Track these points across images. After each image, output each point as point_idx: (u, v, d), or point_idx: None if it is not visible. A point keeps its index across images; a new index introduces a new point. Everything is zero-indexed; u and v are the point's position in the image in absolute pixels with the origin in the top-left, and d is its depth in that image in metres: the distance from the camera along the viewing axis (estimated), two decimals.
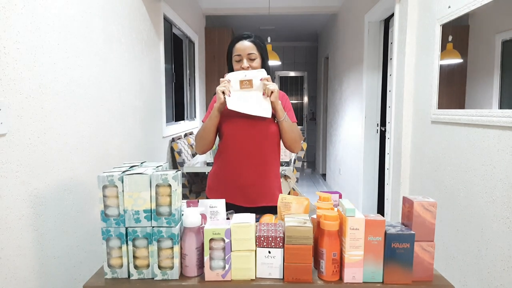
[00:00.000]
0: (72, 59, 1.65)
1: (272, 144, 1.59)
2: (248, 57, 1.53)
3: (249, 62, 1.53)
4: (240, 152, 1.56)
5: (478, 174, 1.65)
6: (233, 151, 1.57)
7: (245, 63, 1.53)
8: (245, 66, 1.52)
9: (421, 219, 0.98)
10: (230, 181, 1.59)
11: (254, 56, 1.53)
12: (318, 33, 7.01)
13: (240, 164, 1.57)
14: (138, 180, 0.98)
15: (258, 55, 1.55)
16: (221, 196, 1.57)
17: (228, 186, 1.59)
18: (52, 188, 1.49)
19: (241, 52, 1.53)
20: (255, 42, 1.55)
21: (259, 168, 1.58)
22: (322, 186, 5.78)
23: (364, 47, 3.56)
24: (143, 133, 2.65)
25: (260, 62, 1.56)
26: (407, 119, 2.39)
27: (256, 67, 1.54)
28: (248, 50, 1.53)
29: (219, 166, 1.64)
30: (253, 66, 1.53)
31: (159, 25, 3.06)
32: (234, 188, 1.58)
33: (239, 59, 1.54)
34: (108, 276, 1.00)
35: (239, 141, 1.55)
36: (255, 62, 1.54)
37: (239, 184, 1.57)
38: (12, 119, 1.27)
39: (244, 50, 1.53)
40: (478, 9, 1.66)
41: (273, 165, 1.63)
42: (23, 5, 1.32)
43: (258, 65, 1.55)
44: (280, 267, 0.98)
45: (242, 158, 1.56)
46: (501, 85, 1.53)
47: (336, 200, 1.23)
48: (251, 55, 1.53)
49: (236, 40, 1.56)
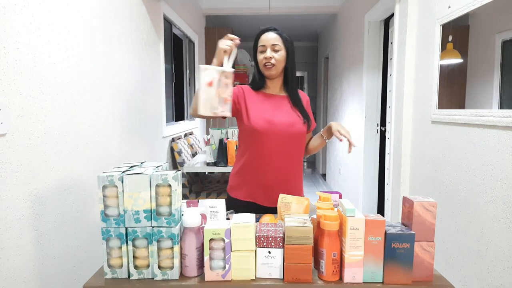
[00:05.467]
0: (72, 59, 1.65)
1: (298, 144, 1.57)
2: (272, 47, 1.50)
3: (272, 53, 1.50)
4: (266, 152, 1.53)
5: (478, 174, 1.65)
6: (258, 151, 1.54)
7: (268, 53, 1.50)
8: (267, 56, 1.50)
9: (421, 219, 0.98)
10: (254, 180, 1.56)
11: (278, 47, 1.50)
12: (318, 33, 7.01)
13: (265, 164, 1.54)
14: (138, 180, 0.98)
15: (283, 47, 1.52)
16: (244, 195, 1.58)
17: (252, 185, 1.57)
18: (52, 188, 1.49)
19: (265, 43, 1.51)
20: (281, 35, 1.53)
21: (284, 168, 1.55)
22: (322, 186, 5.78)
23: (364, 47, 3.56)
24: (143, 133, 2.65)
25: (285, 55, 1.53)
26: (407, 119, 2.39)
27: (280, 59, 1.51)
28: (272, 41, 1.51)
29: (243, 165, 1.61)
30: (276, 58, 1.50)
31: (159, 25, 3.06)
32: (258, 187, 1.56)
33: (263, 49, 1.52)
34: (108, 276, 1.00)
35: (265, 140, 1.51)
36: (278, 54, 1.51)
37: (264, 184, 1.55)
38: (12, 119, 1.26)
39: (268, 40, 1.51)
40: (478, 9, 1.66)
41: (297, 165, 1.60)
42: (23, 5, 1.32)
43: (282, 58, 1.51)
44: (280, 267, 0.98)
45: (267, 157, 1.53)
46: (501, 85, 1.53)
47: (336, 200, 1.23)
48: (275, 46, 1.50)
49: (262, 31, 1.55)
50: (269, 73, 1.53)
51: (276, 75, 1.55)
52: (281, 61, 1.52)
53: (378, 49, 3.50)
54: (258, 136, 1.51)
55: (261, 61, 1.52)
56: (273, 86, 1.60)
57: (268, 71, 1.53)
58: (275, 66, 1.51)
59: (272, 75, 1.55)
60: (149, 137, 2.79)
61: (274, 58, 1.50)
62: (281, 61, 1.52)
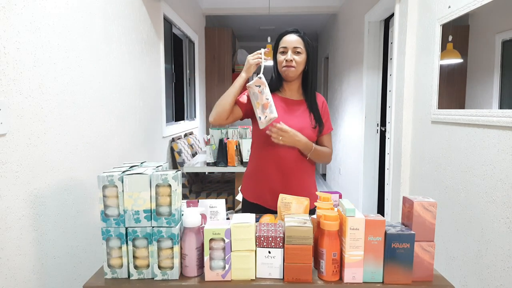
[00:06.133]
0: (72, 59, 1.64)
1: None
2: (293, 50, 1.49)
3: (293, 55, 1.49)
4: (273, 157, 1.53)
5: (478, 174, 1.65)
6: (266, 155, 1.55)
7: (289, 55, 1.49)
8: (288, 59, 1.48)
9: (421, 219, 0.98)
10: (261, 184, 1.57)
11: (300, 50, 1.49)
12: (318, 33, 7.01)
13: (272, 169, 1.54)
14: (138, 180, 0.98)
15: (304, 51, 1.50)
16: (252, 197, 1.61)
17: (260, 188, 1.58)
18: (52, 188, 1.49)
19: (287, 45, 1.50)
20: (303, 38, 1.51)
21: (291, 173, 1.54)
22: (322, 186, 5.78)
23: (364, 47, 3.56)
24: (143, 133, 2.65)
25: (305, 58, 1.51)
26: (407, 119, 2.39)
27: (300, 62, 1.50)
28: (294, 43, 1.49)
29: (252, 167, 1.62)
30: (297, 61, 1.49)
31: (159, 25, 3.06)
32: (265, 191, 1.56)
33: (285, 50, 1.50)
34: (108, 276, 1.00)
35: (272, 145, 1.51)
36: (300, 57, 1.49)
37: (271, 188, 1.55)
38: (12, 119, 1.26)
39: (290, 42, 1.49)
40: (478, 9, 1.66)
41: (306, 170, 1.58)
42: (23, 5, 1.32)
43: (302, 61, 1.50)
44: (280, 267, 0.98)
45: (274, 162, 1.54)
46: (501, 85, 1.53)
47: (336, 200, 1.23)
48: (297, 48, 1.49)
49: (285, 33, 1.53)
50: (288, 75, 1.52)
51: (294, 77, 1.54)
52: (301, 63, 1.50)
53: (378, 49, 3.50)
54: (266, 141, 1.50)
55: (281, 62, 1.51)
56: (289, 89, 1.59)
57: (287, 73, 1.51)
58: (295, 68, 1.50)
59: (290, 78, 1.53)
60: (149, 137, 2.79)
61: (294, 60, 1.48)
62: (301, 64, 1.50)
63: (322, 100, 1.63)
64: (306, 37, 1.52)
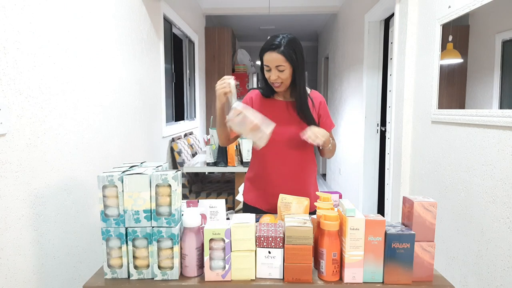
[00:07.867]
0: (72, 59, 1.64)
1: (303, 151, 1.55)
2: (276, 68, 1.45)
3: (277, 73, 1.45)
4: (269, 162, 1.54)
5: (478, 174, 1.65)
6: (262, 160, 1.55)
7: (273, 76, 1.45)
8: (272, 79, 1.46)
9: (421, 219, 0.98)
10: (263, 189, 1.57)
11: (282, 67, 1.44)
12: (318, 33, 7.01)
13: (268, 173, 1.54)
14: (138, 180, 0.98)
15: (288, 65, 1.44)
16: (251, 201, 1.61)
17: (258, 192, 1.59)
18: (52, 188, 1.49)
19: (269, 64, 1.45)
20: (284, 53, 1.42)
21: (287, 177, 1.54)
22: (322, 186, 5.77)
23: (364, 47, 3.56)
24: (143, 133, 2.65)
25: (291, 71, 1.46)
26: (407, 119, 2.39)
27: (286, 78, 1.46)
28: (275, 62, 1.43)
29: (253, 172, 1.62)
30: (282, 77, 1.45)
31: (159, 25, 3.06)
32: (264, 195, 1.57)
33: (268, 69, 1.47)
34: (108, 276, 1.00)
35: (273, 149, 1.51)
36: (284, 73, 1.45)
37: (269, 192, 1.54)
38: (12, 119, 1.26)
39: (271, 61, 1.44)
40: (478, 9, 1.66)
41: (304, 172, 1.57)
42: (23, 5, 1.32)
43: (287, 76, 1.46)
44: (280, 267, 0.98)
45: (271, 167, 1.54)
46: (501, 85, 1.53)
47: (336, 200, 1.23)
48: (279, 67, 1.44)
49: (265, 50, 1.45)
50: (277, 90, 1.52)
51: (284, 89, 1.53)
52: (288, 78, 1.47)
53: (378, 49, 3.50)
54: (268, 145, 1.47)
55: (268, 77, 1.49)
56: (282, 94, 1.59)
57: (276, 89, 1.51)
58: (282, 83, 1.48)
59: (281, 91, 1.53)
60: (149, 137, 2.79)
61: (279, 77, 1.46)
62: (287, 79, 1.47)
63: (319, 99, 1.61)
64: (288, 49, 1.42)
